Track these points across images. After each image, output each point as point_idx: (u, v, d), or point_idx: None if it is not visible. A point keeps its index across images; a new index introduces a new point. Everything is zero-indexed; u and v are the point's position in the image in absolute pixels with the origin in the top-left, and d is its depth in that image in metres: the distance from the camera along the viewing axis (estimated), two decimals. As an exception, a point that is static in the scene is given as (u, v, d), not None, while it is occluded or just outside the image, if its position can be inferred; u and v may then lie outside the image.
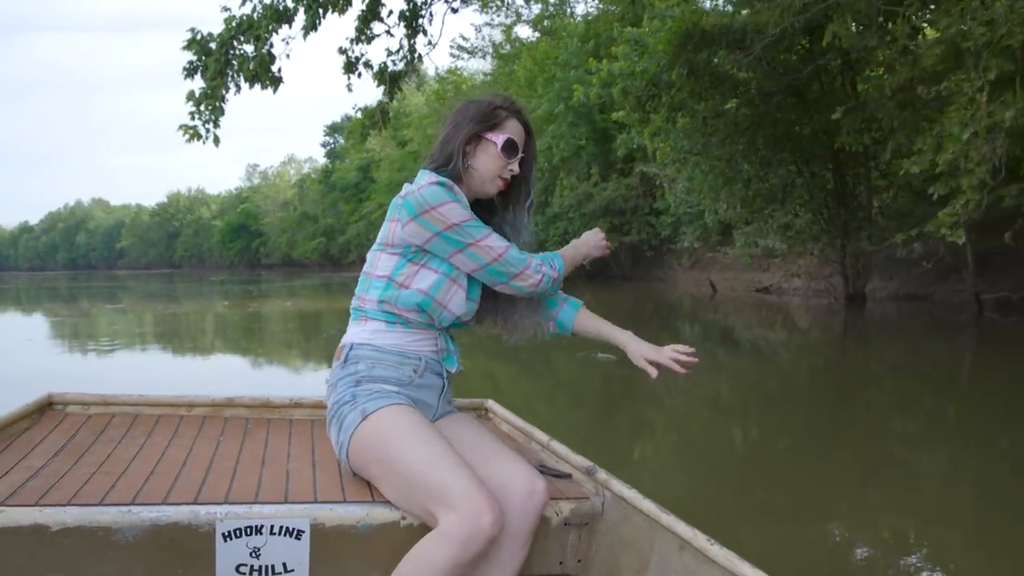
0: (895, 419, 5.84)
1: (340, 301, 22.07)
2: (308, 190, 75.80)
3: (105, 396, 2.81)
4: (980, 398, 6.72)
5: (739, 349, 10.27)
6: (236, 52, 9.74)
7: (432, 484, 1.78)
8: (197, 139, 9.87)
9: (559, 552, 2.05)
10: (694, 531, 1.78)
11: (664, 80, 12.59)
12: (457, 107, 2.22)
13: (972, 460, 4.69)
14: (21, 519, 1.70)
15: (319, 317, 16.71)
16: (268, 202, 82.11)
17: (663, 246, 28.92)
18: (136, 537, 1.73)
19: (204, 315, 17.51)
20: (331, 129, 77.48)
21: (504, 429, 2.85)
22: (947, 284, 16.03)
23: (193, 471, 2.12)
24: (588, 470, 2.21)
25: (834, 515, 3.58)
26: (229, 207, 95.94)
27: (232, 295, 25.97)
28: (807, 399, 6.91)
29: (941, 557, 3.11)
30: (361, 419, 1.94)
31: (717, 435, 5.41)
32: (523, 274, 2.07)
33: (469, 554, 1.70)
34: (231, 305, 20.40)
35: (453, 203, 2.00)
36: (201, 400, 2.84)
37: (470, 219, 2.03)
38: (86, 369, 8.15)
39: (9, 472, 2.01)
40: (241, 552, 1.78)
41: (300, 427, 2.71)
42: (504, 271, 2.06)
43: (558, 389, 7.29)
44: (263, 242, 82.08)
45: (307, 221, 71.31)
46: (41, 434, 2.43)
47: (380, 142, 54.74)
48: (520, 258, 2.07)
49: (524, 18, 39.63)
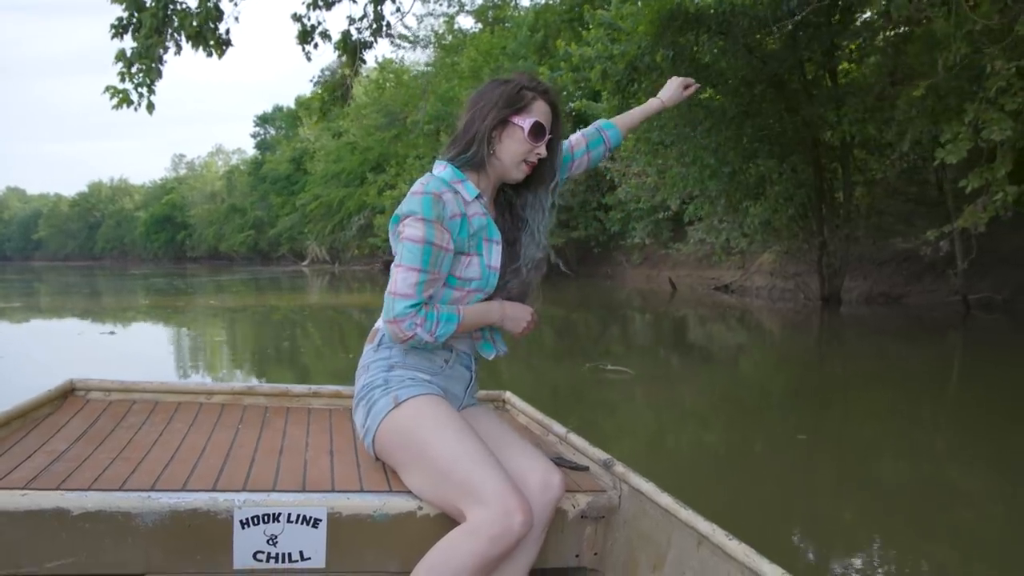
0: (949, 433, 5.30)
1: (273, 298, 20.68)
2: (237, 182, 74.14)
3: (126, 383, 2.85)
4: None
5: (731, 359, 9.45)
6: (177, 6, 8.35)
7: (464, 479, 1.78)
8: (127, 105, 8.40)
9: (575, 545, 2.04)
10: (713, 526, 1.74)
11: (646, 63, 11.67)
12: (481, 88, 2.11)
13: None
14: (43, 502, 1.72)
15: (256, 318, 15.28)
16: (195, 193, 79.96)
17: (611, 242, 28.29)
18: (155, 523, 1.75)
19: (125, 313, 15.91)
20: (262, 120, 75.68)
21: (522, 421, 2.85)
22: (921, 284, 15.50)
23: (212, 458, 2.13)
24: (605, 463, 2.19)
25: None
26: (154, 198, 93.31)
27: (156, 291, 24.17)
28: (838, 415, 6.04)
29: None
30: (393, 405, 1.94)
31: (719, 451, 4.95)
32: (395, 323, 1.94)
33: (496, 551, 1.71)
34: (151, 304, 18.80)
35: (419, 220, 1.92)
36: (220, 388, 2.89)
37: (419, 242, 1.93)
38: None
39: (32, 456, 2.04)
40: (258, 539, 1.78)
41: (318, 416, 2.73)
42: (386, 308, 1.96)
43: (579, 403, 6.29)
44: (189, 234, 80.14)
45: (235, 214, 69.83)
46: (63, 419, 2.47)
47: (315, 132, 53.43)
48: (404, 310, 1.93)
49: (467, 8, 38.78)
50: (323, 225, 45.92)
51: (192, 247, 79.77)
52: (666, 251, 25.57)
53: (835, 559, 3.09)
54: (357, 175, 43.35)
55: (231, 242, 68.82)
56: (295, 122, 60.66)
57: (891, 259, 16.38)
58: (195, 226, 77.88)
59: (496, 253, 2.05)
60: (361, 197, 41.23)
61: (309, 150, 53.77)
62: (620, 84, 12.21)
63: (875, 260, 16.34)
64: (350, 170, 44.00)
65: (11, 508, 1.71)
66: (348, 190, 43.49)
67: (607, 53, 12.05)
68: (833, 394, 6.96)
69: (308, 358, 8.74)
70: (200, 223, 76.19)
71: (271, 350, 9.50)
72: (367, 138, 42.55)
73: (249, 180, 69.70)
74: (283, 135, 68.19)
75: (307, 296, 22.13)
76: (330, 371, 7.87)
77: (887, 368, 8.25)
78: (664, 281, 23.87)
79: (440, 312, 1.97)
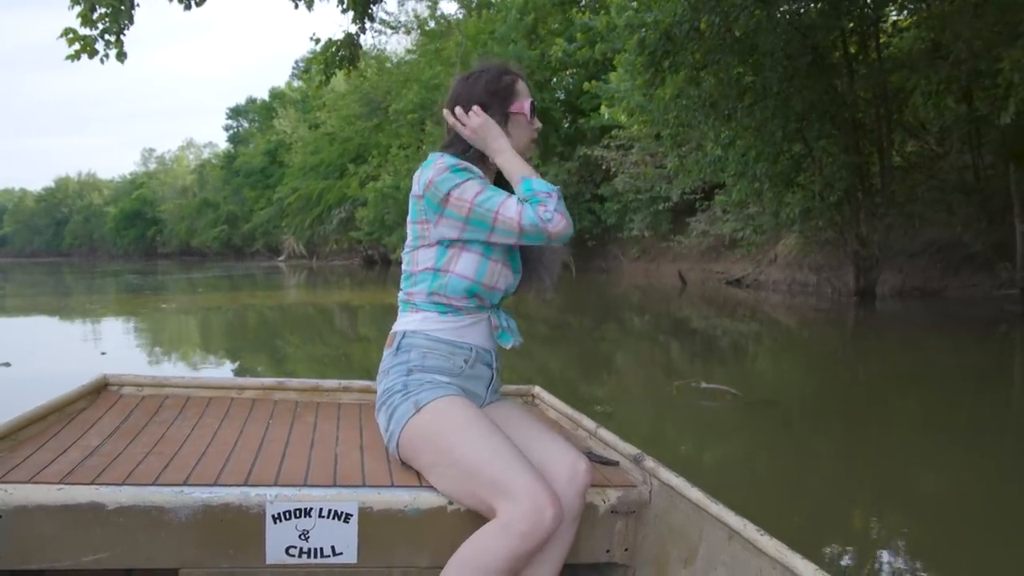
0: None
1: (250, 296, 19.30)
2: (209, 176, 73.38)
3: (158, 378, 2.89)
4: None
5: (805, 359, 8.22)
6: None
7: (492, 477, 1.78)
8: (89, 55, 6.95)
9: (606, 540, 2.01)
10: (744, 521, 1.72)
11: (684, 31, 10.42)
12: (457, 91, 2.11)
13: None
14: (79, 497, 1.74)
15: (235, 320, 13.89)
16: (165, 188, 79.23)
17: (607, 235, 27.15)
18: (188, 517, 1.75)
19: (89, 320, 14.46)
20: (235, 112, 74.26)
21: (552, 416, 2.81)
22: (960, 278, 14.42)
23: (243, 453, 2.14)
24: (635, 458, 2.17)
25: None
26: (123, 193, 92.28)
27: (126, 288, 22.62)
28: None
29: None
30: (414, 411, 1.94)
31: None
32: (540, 226, 1.92)
33: (527, 547, 1.71)
34: (114, 304, 17.33)
35: (464, 182, 1.95)
36: (251, 383, 2.91)
37: (481, 190, 1.96)
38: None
39: (66, 451, 2.07)
40: (291, 534, 1.79)
41: (348, 411, 2.73)
42: (530, 230, 1.93)
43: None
44: (160, 230, 79.23)
45: (208, 208, 68.99)
46: (97, 414, 2.50)
47: (290, 124, 52.09)
48: (531, 216, 1.91)
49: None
50: (301, 219, 44.42)
51: (163, 243, 78.98)
52: (667, 244, 24.50)
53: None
54: (337, 166, 42.00)
55: (203, 237, 68.04)
56: (270, 114, 59.37)
57: (923, 250, 15.28)
58: (166, 221, 77.03)
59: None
60: (341, 189, 39.89)
61: (285, 142, 52.65)
62: (655, 56, 10.96)
63: (907, 251, 15.21)
64: (329, 161, 42.62)
65: (47, 503, 1.72)
66: (328, 182, 42.07)
67: (638, 21, 10.80)
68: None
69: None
70: (171, 218, 75.28)
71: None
72: (347, 128, 41.22)
73: (222, 174, 69.03)
74: (257, 128, 66.93)
75: (287, 293, 20.71)
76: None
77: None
78: (664, 276, 22.76)
79: (534, 193, 1.96)
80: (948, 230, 14.46)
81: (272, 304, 16.13)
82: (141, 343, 9.50)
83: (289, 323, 12.49)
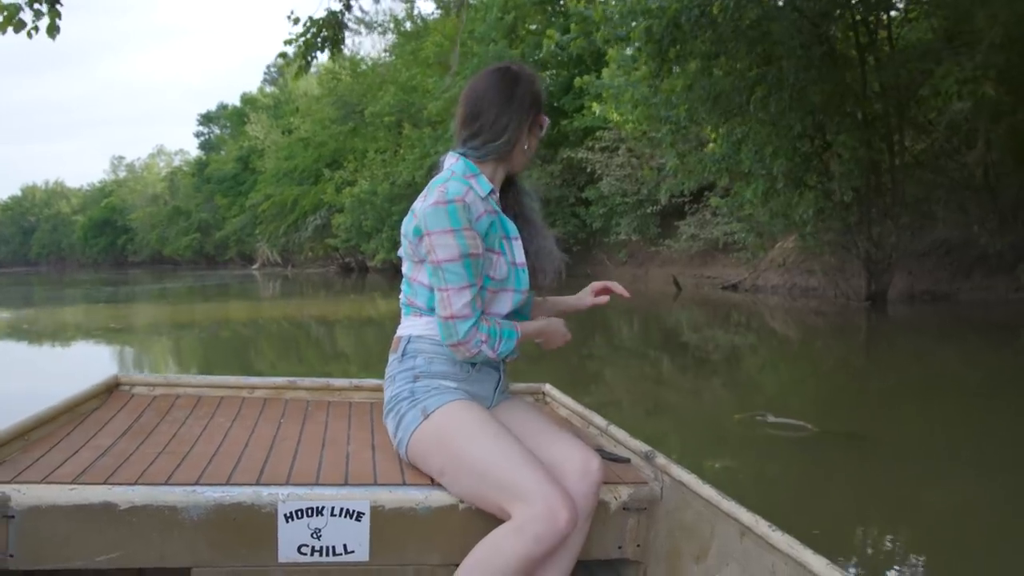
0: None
1: (221, 309, 18.40)
2: (180, 183, 72.74)
3: (169, 378, 2.89)
4: None
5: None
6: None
7: (505, 480, 1.76)
8: (15, 27, 6.05)
9: (618, 537, 2.00)
10: (756, 517, 1.70)
11: (692, 18, 9.69)
12: (499, 87, 1.97)
13: None
14: (91, 497, 1.73)
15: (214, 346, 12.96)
16: (135, 196, 78.42)
17: (592, 239, 26.50)
18: (200, 516, 1.74)
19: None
20: (206, 119, 73.50)
21: (562, 414, 2.79)
22: (971, 280, 13.79)
23: (255, 452, 2.13)
24: (647, 455, 2.15)
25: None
26: (92, 201, 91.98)
27: (89, 300, 21.58)
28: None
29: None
30: (423, 417, 1.92)
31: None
32: (460, 346, 1.91)
33: (541, 549, 1.70)
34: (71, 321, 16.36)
35: (448, 233, 1.86)
36: (262, 383, 2.89)
37: (456, 259, 1.88)
38: None
39: (79, 451, 2.06)
40: (303, 533, 1.78)
41: (359, 410, 2.71)
42: (447, 332, 1.91)
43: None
44: (131, 238, 78.57)
45: (179, 216, 68.36)
46: (108, 414, 2.49)
47: (263, 129, 51.12)
48: (467, 331, 1.89)
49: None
50: (276, 226, 43.41)
51: (134, 251, 78.42)
52: (655, 248, 23.86)
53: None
54: (311, 172, 41.07)
55: (175, 246, 67.41)
56: (242, 120, 58.37)
57: (932, 251, 14.65)
58: (136, 230, 76.36)
59: (518, 249, 2.01)
60: (317, 195, 38.98)
61: (257, 148, 51.62)
62: (662, 45, 10.21)
63: (914, 252, 14.56)
64: (304, 167, 41.68)
65: (60, 503, 1.71)
66: (302, 188, 41.10)
67: (642, 7, 10.06)
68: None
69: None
70: (142, 227, 74.58)
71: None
72: (321, 132, 40.31)
73: (193, 181, 68.41)
74: (229, 134, 65.97)
75: (262, 306, 19.79)
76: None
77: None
78: (654, 281, 22.15)
79: (502, 328, 1.95)
80: (956, 229, 13.86)
81: (247, 319, 15.21)
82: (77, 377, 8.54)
83: (269, 343, 11.59)
